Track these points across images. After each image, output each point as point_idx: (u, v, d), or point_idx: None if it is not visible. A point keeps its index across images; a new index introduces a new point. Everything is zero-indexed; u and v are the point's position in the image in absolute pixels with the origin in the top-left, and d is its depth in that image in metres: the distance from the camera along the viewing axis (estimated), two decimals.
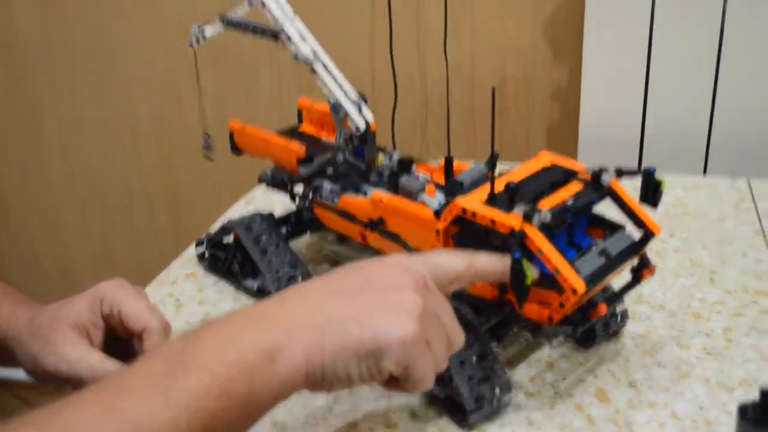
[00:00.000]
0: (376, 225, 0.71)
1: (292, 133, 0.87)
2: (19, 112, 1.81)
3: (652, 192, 0.62)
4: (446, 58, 1.48)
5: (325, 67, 0.76)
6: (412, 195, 0.69)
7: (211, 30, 0.82)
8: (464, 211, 0.60)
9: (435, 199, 0.68)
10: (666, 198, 0.71)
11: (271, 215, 0.83)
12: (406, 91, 1.54)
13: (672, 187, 1.00)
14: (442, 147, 1.56)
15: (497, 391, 0.61)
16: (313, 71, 0.76)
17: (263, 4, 0.76)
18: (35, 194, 1.90)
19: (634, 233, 0.64)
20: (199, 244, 0.88)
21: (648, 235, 0.63)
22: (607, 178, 0.62)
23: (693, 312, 0.75)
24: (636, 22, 1.28)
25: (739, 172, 1.08)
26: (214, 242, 0.86)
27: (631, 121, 1.34)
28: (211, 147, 0.87)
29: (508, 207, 0.58)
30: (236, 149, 0.86)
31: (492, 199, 0.60)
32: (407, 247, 0.68)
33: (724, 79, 1.27)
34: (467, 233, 0.62)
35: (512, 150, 1.51)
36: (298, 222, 0.85)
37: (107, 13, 1.66)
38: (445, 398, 0.62)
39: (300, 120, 0.89)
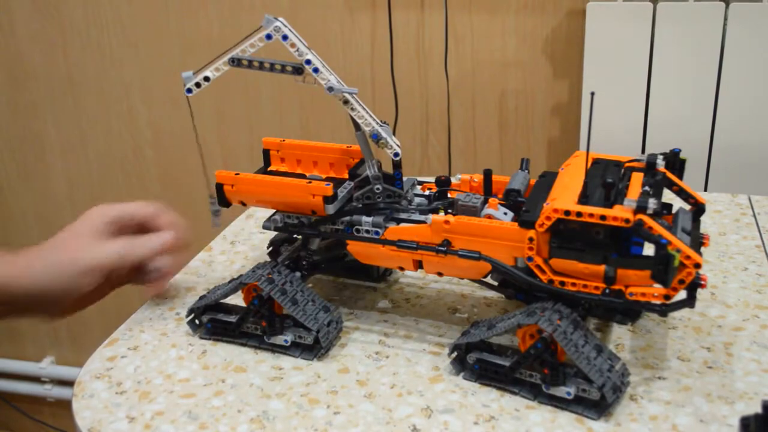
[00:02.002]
0: (448, 247, 0.68)
1: (265, 173, 0.82)
2: (20, 127, 1.82)
3: (678, 170, 0.69)
4: (447, 75, 1.48)
5: (352, 95, 0.72)
6: (473, 211, 0.69)
7: (215, 73, 0.73)
8: (567, 212, 0.61)
9: (499, 211, 0.68)
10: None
11: (277, 262, 0.76)
12: (407, 107, 1.55)
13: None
14: (443, 163, 1.57)
15: (623, 376, 0.64)
16: (346, 102, 0.71)
17: (285, 38, 0.70)
18: (36, 208, 1.91)
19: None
20: (190, 313, 0.78)
21: (701, 207, 0.69)
22: (661, 163, 0.66)
23: (694, 326, 0.75)
24: (636, 38, 1.28)
25: (739, 188, 1.08)
26: (212, 308, 0.77)
27: (631, 136, 1.34)
28: (219, 212, 0.79)
29: (606, 202, 0.61)
30: (226, 203, 0.78)
31: (585, 198, 0.62)
32: (493, 262, 0.67)
33: (725, 95, 1.28)
34: (564, 235, 0.63)
35: (513, 165, 1.51)
36: (310, 265, 0.79)
37: (107, 22, 1.67)
38: (573, 398, 0.63)
39: (267, 160, 0.83)
